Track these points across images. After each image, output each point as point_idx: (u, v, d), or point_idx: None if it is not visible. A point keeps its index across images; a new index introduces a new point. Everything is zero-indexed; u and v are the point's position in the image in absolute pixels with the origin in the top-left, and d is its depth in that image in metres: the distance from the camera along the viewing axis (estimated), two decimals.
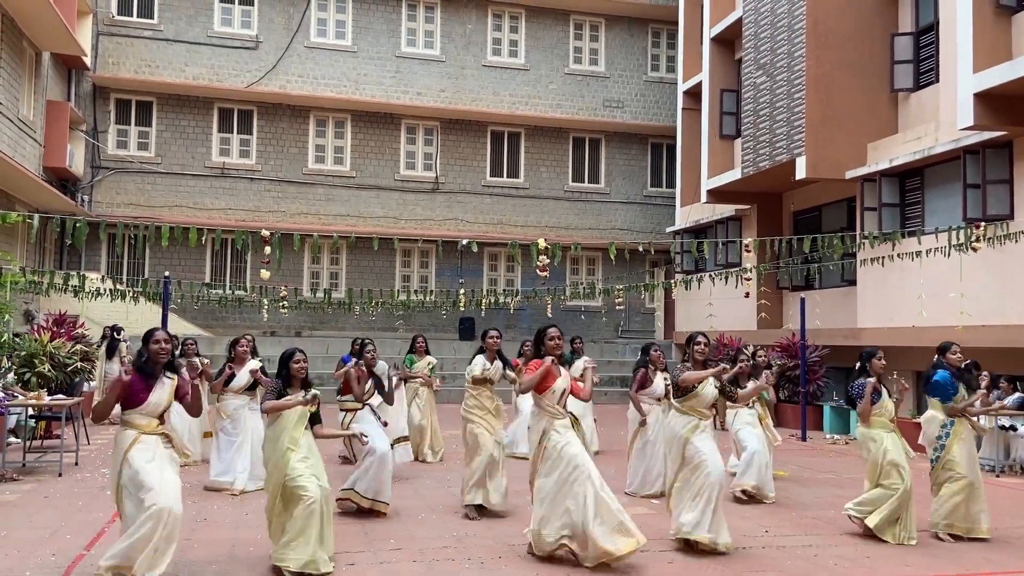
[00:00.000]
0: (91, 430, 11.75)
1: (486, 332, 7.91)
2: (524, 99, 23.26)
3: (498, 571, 5.74)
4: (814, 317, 15.05)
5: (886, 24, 15.22)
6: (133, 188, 20.97)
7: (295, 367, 5.86)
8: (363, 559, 5.94)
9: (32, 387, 10.76)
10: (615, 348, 21.92)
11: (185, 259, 20.78)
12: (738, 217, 19.34)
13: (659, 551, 6.26)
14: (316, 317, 21.02)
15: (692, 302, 19.48)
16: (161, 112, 21.26)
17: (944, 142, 13.14)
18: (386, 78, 22.36)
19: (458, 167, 23.07)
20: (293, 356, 5.90)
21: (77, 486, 8.51)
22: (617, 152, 24.22)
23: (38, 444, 10.60)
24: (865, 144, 15.01)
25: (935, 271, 12.39)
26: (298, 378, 5.86)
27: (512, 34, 23.41)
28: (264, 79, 21.46)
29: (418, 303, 17.22)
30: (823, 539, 6.86)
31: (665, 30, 24.37)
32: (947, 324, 11.97)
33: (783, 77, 15.64)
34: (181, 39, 21.17)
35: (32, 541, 6.26)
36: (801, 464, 11.04)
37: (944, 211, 13.45)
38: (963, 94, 11.72)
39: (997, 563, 6.25)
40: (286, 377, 5.87)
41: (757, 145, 16.46)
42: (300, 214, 21.80)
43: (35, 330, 12.83)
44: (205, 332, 19.15)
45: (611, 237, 22.23)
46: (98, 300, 14.70)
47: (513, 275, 23.20)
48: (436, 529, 6.93)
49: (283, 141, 21.96)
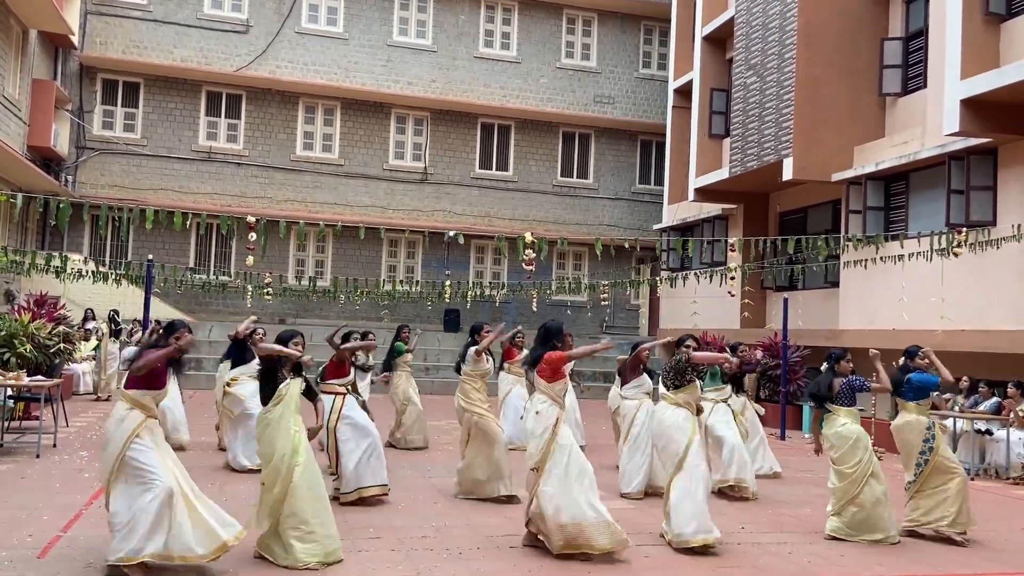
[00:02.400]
0: (69, 412, 11.68)
1: (480, 326, 8.17)
2: (515, 92, 23.23)
3: (476, 561, 5.77)
4: (797, 317, 15.16)
5: (876, 28, 15.31)
6: (118, 170, 20.79)
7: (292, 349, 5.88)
8: (342, 547, 5.94)
9: (11, 368, 10.66)
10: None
11: (169, 243, 20.64)
12: (725, 216, 19.43)
13: (636, 545, 6.30)
14: (300, 305, 20.93)
15: (677, 300, 19.55)
16: (148, 94, 21.07)
17: (930, 147, 13.25)
18: (377, 67, 22.26)
19: (447, 158, 23.03)
20: (292, 338, 5.94)
21: (55, 467, 8.47)
22: (606, 148, 24.24)
23: (16, 425, 10.52)
24: (852, 147, 15.11)
25: (917, 275, 12.50)
26: (291, 361, 5.86)
27: (504, 26, 23.36)
28: (253, 64, 21.31)
29: (404, 294, 17.20)
30: (798, 537, 6.93)
31: (657, 27, 24.39)
32: (927, 328, 12.09)
33: (773, 78, 15.71)
34: (170, 20, 20.96)
35: (8, 522, 6.22)
36: (779, 462, 11.10)
37: (928, 216, 13.57)
38: (950, 100, 11.82)
39: (970, 565, 6.33)
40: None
41: (745, 145, 16.53)
42: (287, 201, 21.69)
43: (16, 310, 12.71)
44: (188, 317, 19.03)
45: (598, 233, 22.28)
46: (80, 282, 14.56)
47: (499, 268, 23.20)
48: (415, 518, 6.95)
49: (271, 127, 21.83)
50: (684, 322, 16.86)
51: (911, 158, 13.56)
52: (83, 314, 16.53)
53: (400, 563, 5.65)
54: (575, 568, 5.69)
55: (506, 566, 5.71)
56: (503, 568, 5.66)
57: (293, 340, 5.91)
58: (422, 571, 5.49)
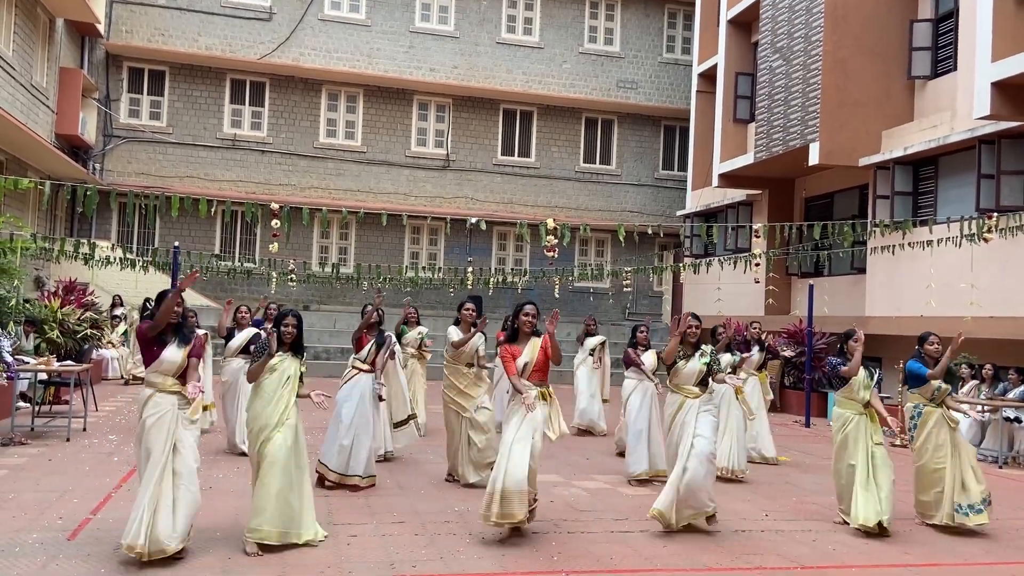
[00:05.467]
0: (99, 396, 11.86)
1: (461, 304, 7.88)
2: (537, 78, 23.11)
3: (499, 547, 5.79)
4: (822, 304, 15.00)
5: (905, 10, 15.03)
6: (144, 157, 20.99)
7: (283, 330, 5.77)
8: (365, 531, 6.00)
9: (42, 352, 10.85)
10: (622, 330, 21.87)
11: (195, 230, 20.84)
12: (749, 202, 19.23)
13: (655, 532, 6.30)
14: (324, 291, 21.07)
15: (700, 286, 19.42)
16: (173, 82, 21.22)
17: (960, 131, 13.01)
18: (399, 53, 22.23)
19: (469, 145, 22.99)
20: (284, 318, 5.83)
21: (84, 451, 8.61)
22: (629, 133, 24.07)
23: (47, 409, 10.71)
24: (879, 131, 14.88)
25: (946, 261, 12.32)
26: (287, 343, 5.79)
27: (527, 11, 23.22)
28: (277, 51, 21.38)
29: (426, 280, 17.23)
30: (823, 525, 6.89)
31: (681, 11, 24.12)
32: (956, 315, 11.91)
33: (799, 61, 15.49)
34: (195, 8, 21.07)
35: (39, 504, 6.35)
36: (803, 450, 11.06)
37: (957, 201, 13.34)
38: (980, 83, 11.59)
39: (996, 554, 6.26)
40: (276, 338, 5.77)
41: (771, 130, 16.33)
42: (310, 188, 21.79)
43: (45, 296, 12.92)
44: (214, 303, 19.24)
45: (621, 219, 22.17)
46: (108, 268, 14.77)
47: (522, 255, 23.17)
48: (438, 503, 6.99)
49: (295, 114, 21.91)
50: (708, 309, 16.74)
51: (940, 142, 13.33)
52: (111, 300, 16.77)
53: (424, 547, 5.69)
54: (596, 550, 5.70)
55: (529, 551, 5.73)
56: (526, 553, 5.68)
57: (283, 322, 5.80)
58: (445, 555, 5.53)
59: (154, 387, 5.23)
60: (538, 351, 6.15)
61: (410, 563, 5.33)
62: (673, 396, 6.62)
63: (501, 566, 5.39)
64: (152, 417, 5.15)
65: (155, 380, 5.24)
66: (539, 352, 6.15)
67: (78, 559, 5.11)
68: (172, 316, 5.27)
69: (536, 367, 6.14)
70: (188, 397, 5.26)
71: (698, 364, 6.53)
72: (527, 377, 6.11)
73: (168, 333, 5.28)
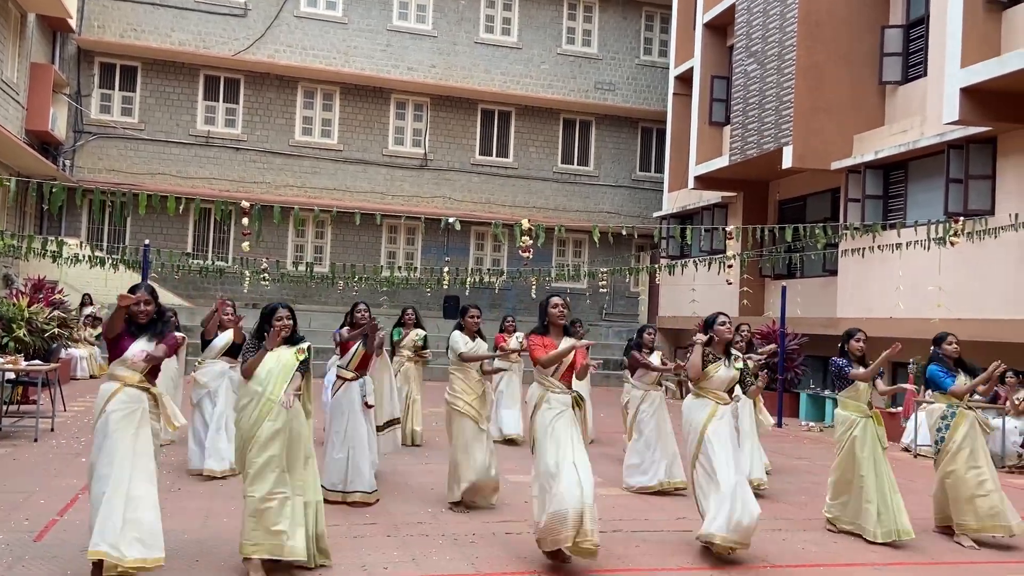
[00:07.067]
0: (67, 396, 11.70)
1: (466, 309, 7.36)
2: (516, 78, 23.13)
3: (471, 548, 5.80)
4: (795, 305, 15.16)
5: (877, 16, 15.23)
6: (116, 154, 20.73)
7: (277, 324, 5.27)
8: (337, 532, 5.97)
9: (10, 351, 10.69)
10: (599, 331, 21.99)
11: (167, 228, 20.61)
12: (724, 204, 19.39)
13: (631, 531, 6.33)
14: (299, 290, 20.91)
15: (676, 287, 19.54)
16: (146, 78, 20.97)
17: (929, 136, 13.21)
18: (376, 51, 22.15)
19: (447, 144, 22.96)
20: (275, 312, 5.33)
21: (52, 452, 8.50)
22: (607, 135, 24.17)
23: (14, 409, 10.55)
24: (852, 135, 15.07)
25: (914, 264, 12.50)
26: (278, 338, 5.26)
27: (505, 12, 23.23)
28: (252, 48, 21.20)
29: (403, 280, 17.18)
30: (793, 524, 6.96)
31: (659, 14, 24.26)
32: (924, 316, 12.10)
33: (773, 66, 15.64)
34: (168, 4, 20.83)
35: (5, 505, 6.25)
36: (775, 450, 11.13)
37: (926, 204, 13.55)
38: (950, 88, 11.77)
39: (966, 554, 6.35)
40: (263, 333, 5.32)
41: (745, 133, 16.47)
42: (285, 186, 21.64)
43: (14, 295, 12.72)
44: (186, 303, 19.05)
45: (598, 220, 22.25)
46: (77, 267, 14.56)
47: (499, 255, 23.18)
48: (412, 505, 6.98)
49: (270, 111, 21.74)
50: (683, 309, 16.87)
51: (910, 147, 13.52)
52: (80, 299, 16.55)
53: (395, 548, 5.67)
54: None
55: (500, 552, 5.74)
56: (497, 554, 5.69)
57: (276, 315, 5.30)
58: (417, 557, 5.52)
59: (121, 381, 4.87)
60: (576, 352, 5.66)
61: (382, 565, 5.31)
62: (699, 401, 5.97)
63: (474, 567, 5.39)
64: (118, 413, 4.79)
65: (123, 375, 4.87)
66: (577, 354, 5.66)
67: (44, 560, 5.05)
68: (142, 317, 4.96)
69: (569, 367, 5.65)
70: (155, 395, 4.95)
71: (733, 371, 6.00)
72: (559, 377, 5.64)
73: (135, 329, 4.93)
